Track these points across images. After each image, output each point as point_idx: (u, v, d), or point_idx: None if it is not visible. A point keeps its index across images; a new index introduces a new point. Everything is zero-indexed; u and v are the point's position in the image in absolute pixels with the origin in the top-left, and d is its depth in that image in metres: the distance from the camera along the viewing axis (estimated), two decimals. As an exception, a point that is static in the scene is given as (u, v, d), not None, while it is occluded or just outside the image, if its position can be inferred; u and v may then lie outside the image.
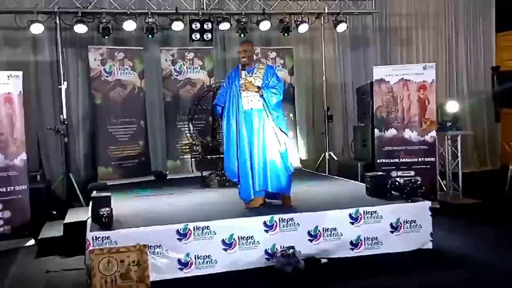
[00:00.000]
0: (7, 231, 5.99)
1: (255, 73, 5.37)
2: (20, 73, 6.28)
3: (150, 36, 8.17)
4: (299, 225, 4.91)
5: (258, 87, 5.28)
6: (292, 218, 4.91)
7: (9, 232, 6.00)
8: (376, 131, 7.44)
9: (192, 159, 7.90)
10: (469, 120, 10.10)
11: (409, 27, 10.07)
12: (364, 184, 5.90)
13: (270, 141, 5.30)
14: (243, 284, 4.57)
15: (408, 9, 10.07)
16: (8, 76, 6.13)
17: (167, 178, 8.07)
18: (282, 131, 5.35)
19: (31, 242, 5.97)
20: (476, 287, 4.38)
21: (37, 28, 7.63)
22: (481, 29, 10.39)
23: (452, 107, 7.75)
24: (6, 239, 5.94)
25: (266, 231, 4.84)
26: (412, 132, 7.30)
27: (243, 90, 5.29)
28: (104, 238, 4.46)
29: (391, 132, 7.37)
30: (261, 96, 5.27)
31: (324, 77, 9.07)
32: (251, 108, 5.31)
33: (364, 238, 5.06)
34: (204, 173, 7.26)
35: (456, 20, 10.27)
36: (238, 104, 5.34)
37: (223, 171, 6.14)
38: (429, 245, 5.20)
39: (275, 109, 5.34)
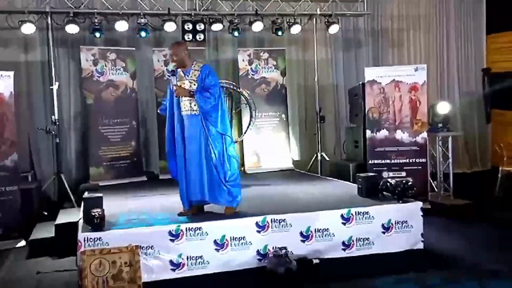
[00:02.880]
0: (-3, 232, 5.97)
1: (190, 76, 5.10)
2: (11, 73, 6.27)
3: (142, 36, 8.15)
4: (291, 225, 4.92)
5: (190, 92, 5.03)
6: (284, 219, 4.92)
7: (0, 233, 5.96)
8: (368, 132, 7.47)
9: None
10: (460, 121, 10.14)
11: (400, 28, 10.11)
12: (356, 185, 5.92)
13: (206, 148, 5.06)
14: (235, 285, 4.58)
15: (400, 11, 10.10)
16: (-1, 76, 6.11)
17: (159, 178, 8.05)
18: (223, 133, 5.11)
19: (22, 243, 5.95)
20: (466, 287, 4.41)
21: (28, 28, 7.59)
22: (472, 30, 10.44)
23: (443, 108, 7.78)
24: (-3, 240, 5.92)
25: (258, 231, 4.85)
26: (404, 133, 7.34)
27: (175, 96, 5.11)
28: (95, 239, 4.46)
29: (383, 133, 7.41)
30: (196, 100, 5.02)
31: (316, 78, 9.09)
32: (188, 113, 5.08)
33: (356, 238, 5.08)
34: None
35: (447, 21, 10.32)
36: (178, 109, 5.14)
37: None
38: (420, 246, 5.23)
39: (211, 113, 5.05)
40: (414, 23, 10.17)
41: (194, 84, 5.08)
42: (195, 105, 5.04)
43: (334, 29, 8.93)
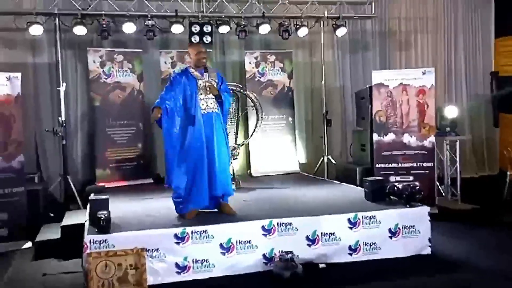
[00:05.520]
0: (3, 233, 5.99)
1: (210, 77, 5.33)
2: (18, 75, 6.29)
3: (149, 38, 8.16)
4: (297, 229, 4.90)
5: (218, 91, 5.29)
6: (290, 223, 4.89)
7: (6, 235, 5.99)
8: (375, 135, 7.43)
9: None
10: (467, 125, 10.09)
11: (408, 31, 10.07)
12: (363, 189, 5.89)
13: (224, 145, 5.31)
14: (240, 289, 4.56)
15: (407, 14, 10.06)
16: (6, 78, 6.15)
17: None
18: (232, 135, 5.53)
19: (28, 244, 5.96)
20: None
21: (36, 30, 7.61)
22: (480, 34, 10.38)
23: (451, 112, 7.76)
24: (3, 242, 5.93)
25: (264, 235, 4.83)
26: (411, 137, 7.30)
27: (207, 92, 5.20)
28: (101, 241, 4.45)
29: (390, 136, 7.36)
30: (218, 99, 5.28)
31: (323, 81, 9.07)
32: (210, 112, 5.22)
33: (363, 243, 5.05)
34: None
35: (455, 24, 10.27)
36: (195, 108, 5.18)
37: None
38: (428, 251, 5.19)
39: (226, 113, 5.50)
40: (422, 26, 10.12)
41: (215, 84, 5.35)
42: (215, 103, 5.29)
43: (341, 31, 8.91)
